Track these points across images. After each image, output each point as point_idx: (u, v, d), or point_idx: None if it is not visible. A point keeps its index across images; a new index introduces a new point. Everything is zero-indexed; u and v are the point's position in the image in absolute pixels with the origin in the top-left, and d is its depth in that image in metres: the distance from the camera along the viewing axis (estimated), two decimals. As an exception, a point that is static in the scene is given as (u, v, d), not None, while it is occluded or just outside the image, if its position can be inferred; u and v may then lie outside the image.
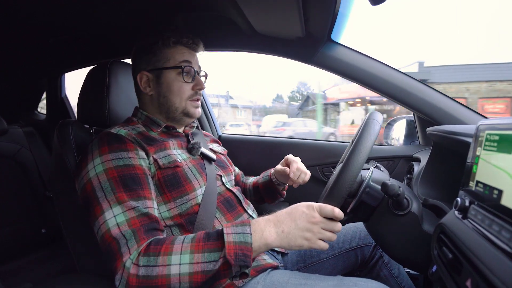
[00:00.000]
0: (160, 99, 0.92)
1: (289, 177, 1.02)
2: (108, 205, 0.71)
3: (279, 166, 1.09)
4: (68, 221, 0.95)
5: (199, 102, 0.97)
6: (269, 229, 0.68)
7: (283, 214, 0.70)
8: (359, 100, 12.90)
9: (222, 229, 0.68)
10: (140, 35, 0.96)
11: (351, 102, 13.43)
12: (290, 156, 1.07)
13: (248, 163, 1.47)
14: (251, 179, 1.23)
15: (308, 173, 1.04)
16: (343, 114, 13.91)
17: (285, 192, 1.18)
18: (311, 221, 0.67)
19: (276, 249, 0.97)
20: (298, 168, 1.02)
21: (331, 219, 0.68)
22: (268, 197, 1.17)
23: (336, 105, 14.21)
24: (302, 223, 0.67)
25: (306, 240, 0.67)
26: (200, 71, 0.97)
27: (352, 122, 12.61)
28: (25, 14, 1.06)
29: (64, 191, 0.93)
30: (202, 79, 0.98)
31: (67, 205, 0.94)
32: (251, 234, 0.66)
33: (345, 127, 12.98)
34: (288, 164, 1.05)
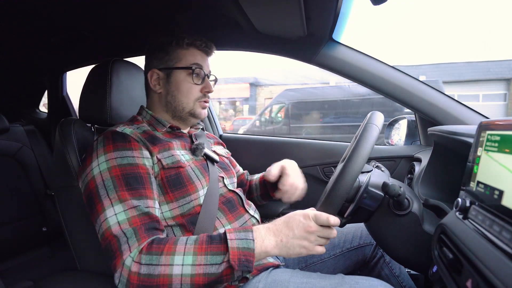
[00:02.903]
0: (168, 97, 0.93)
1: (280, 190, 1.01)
2: (110, 203, 0.71)
3: (272, 172, 1.02)
4: (69, 218, 0.95)
5: (207, 104, 0.97)
6: (269, 237, 0.69)
7: (281, 223, 0.71)
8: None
9: (225, 234, 0.68)
10: (151, 34, 0.97)
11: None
12: (286, 165, 1.03)
13: (249, 162, 1.47)
14: (257, 175, 1.22)
15: (302, 188, 1.02)
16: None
17: None
18: (307, 230, 0.68)
19: None
20: (291, 185, 1.00)
21: (328, 225, 0.69)
22: (272, 190, 1.13)
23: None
24: (299, 232, 0.69)
25: (303, 248, 0.69)
26: (210, 74, 0.98)
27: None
28: (27, 13, 1.06)
29: (65, 189, 0.93)
30: (212, 83, 0.99)
31: (68, 203, 0.94)
32: (253, 240, 0.68)
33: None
34: (282, 173, 1.02)
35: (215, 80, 1.02)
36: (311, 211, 0.70)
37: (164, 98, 0.94)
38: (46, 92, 2.01)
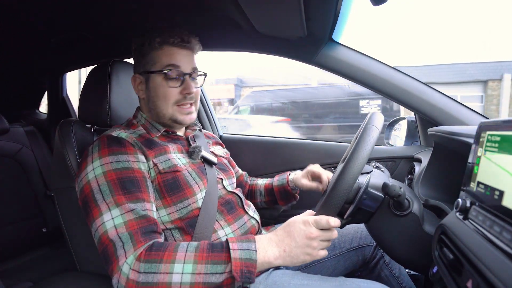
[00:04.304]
0: (149, 103, 0.91)
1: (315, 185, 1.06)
2: (107, 207, 0.71)
3: (306, 182, 1.07)
4: (69, 219, 0.95)
5: (192, 108, 0.92)
6: (272, 248, 0.69)
7: (282, 233, 0.71)
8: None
9: (227, 242, 0.68)
10: (133, 36, 0.95)
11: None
12: (316, 168, 1.06)
13: (250, 163, 1.47)
14: (262, 181, 1.22)
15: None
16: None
17: (297, 196, 1.17)
18: (309, 237, 0.68)
19: None
20: (328, 177, 1.04)
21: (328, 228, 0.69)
22: (282, 200, 1.16)
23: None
24: (302, 240, 0.68)
25: (307, 255, 0.68)
26: (193, 72, 0.92)
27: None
28: (26, 14, 1.06)
29: (65, 190, 0.93)
30: (200, 79, 0.95)
31: (68, 203, 0.94)
32: (256, 251, 0.67)
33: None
34: (315, 176, 1.06)
35: (204, 76, 0.96)
36: (310, 217, 0.70)
37: (147, 103, 0.92)
38: (46, 93, 2.01)
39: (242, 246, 0.67)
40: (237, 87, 13.00)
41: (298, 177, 1.10)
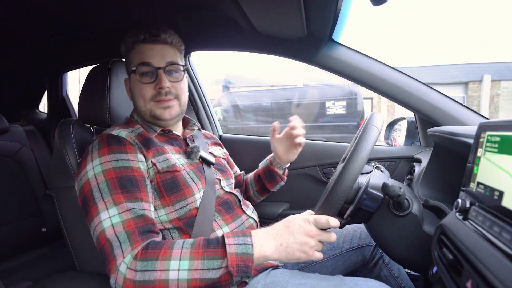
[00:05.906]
0: (134, 103, 0.93)
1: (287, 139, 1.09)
2: (104, 206, 0.71)
3: (276, 139, 1.11)
4: (68, 219, 0.95)
5: (172, 102, 0.90)
6: (269, 242, 0.68)
7: (281, 227, 0.70)
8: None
9: (223, 238, 0.68)
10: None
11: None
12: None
13: (249, 163, 1.46)
14: (252, 172, 1.23)
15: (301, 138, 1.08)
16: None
17: (285, 177, 1.17)
18: (308, 234, 0.68)
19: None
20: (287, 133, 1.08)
21: (327, 228, 0.69)
22: (268, 181, 1.14)
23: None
24: (300, 236, 0.68)
25: (303, 253, 0.68)
26: (168, 65, 0.88)
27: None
28: (26, 13, 1.06)
29: (64, 189, 0.93)
30: (180, 74, 0.92)
31: (67, 203, 0.94)
32: (252, 245, 0.67)
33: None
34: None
35: (184, 70, 0.93)
36: (311, 216, 0.70)
37: (133, 104, 0.94)
38: (46, 93, 2.01)
39: (238, 240, 0.67)
40: (225, 88, 13.13)
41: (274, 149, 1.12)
